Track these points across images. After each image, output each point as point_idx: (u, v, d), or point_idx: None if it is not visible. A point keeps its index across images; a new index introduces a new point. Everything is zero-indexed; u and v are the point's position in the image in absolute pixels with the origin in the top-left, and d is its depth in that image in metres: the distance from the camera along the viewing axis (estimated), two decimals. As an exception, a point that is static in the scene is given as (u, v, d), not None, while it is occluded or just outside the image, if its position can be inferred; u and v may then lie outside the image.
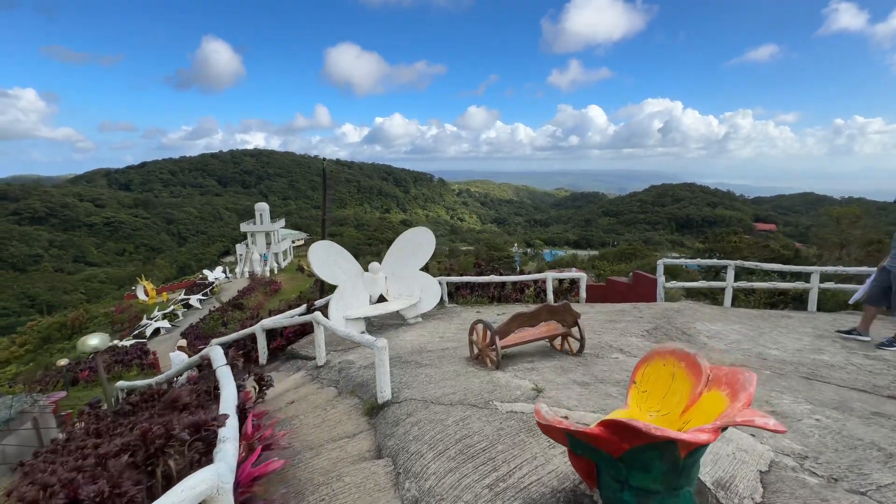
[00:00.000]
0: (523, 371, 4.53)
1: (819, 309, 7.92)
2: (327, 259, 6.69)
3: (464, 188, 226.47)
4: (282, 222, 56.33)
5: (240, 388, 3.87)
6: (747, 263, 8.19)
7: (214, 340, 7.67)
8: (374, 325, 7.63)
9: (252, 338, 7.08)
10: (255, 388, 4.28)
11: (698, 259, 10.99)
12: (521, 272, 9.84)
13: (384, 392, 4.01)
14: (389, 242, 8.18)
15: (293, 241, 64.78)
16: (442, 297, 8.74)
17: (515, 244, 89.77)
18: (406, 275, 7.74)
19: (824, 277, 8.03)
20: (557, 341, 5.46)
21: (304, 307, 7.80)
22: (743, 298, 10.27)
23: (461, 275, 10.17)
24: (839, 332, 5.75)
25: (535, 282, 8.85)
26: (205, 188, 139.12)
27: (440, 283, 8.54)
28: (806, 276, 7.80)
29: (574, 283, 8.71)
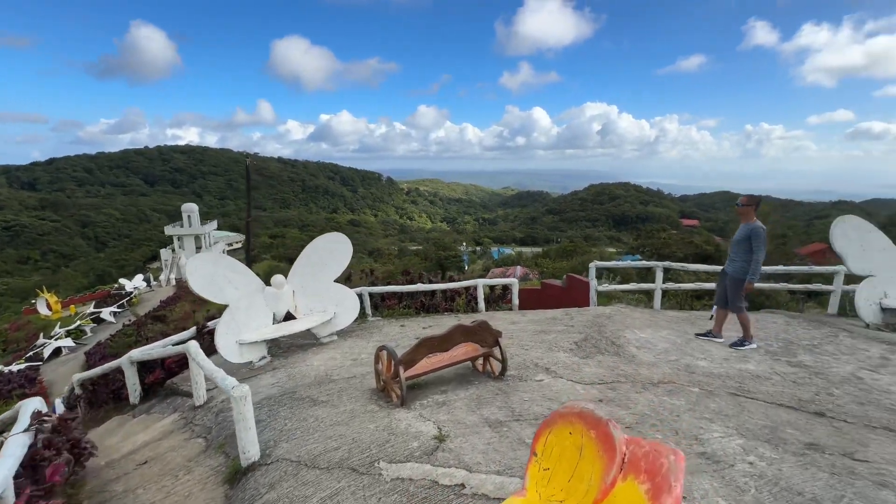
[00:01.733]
0: (432, 407, 3.83)
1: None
2: (213, 275, 5.60)
3: (413, 187, 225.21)
4: (214, 224, 52.23)
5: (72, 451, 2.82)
6: (674, 265, 8.11)
7: (75, 377, 6.30)
8: (282, 348, 6.63)
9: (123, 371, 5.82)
10: (70, 461, 3.22)
11: (629, 260, 10.95)
12: (452, 279, 9.21)
13: (248, 452, 3.13)
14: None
15: (229, 244, 60.43)
16: (364, 311, 7.88)
17: (464, 243, 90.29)
18: (318, 288, 6.80)
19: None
20: (480, 361, 4.85)
21: (193, 330, 6.61)
22: (672, 295, 10.38)
23: (388, 283, 9.36)
24: (697, 335, 5.78)
25: (467, 289, 8.25)
26: (128, 187, 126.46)
27: (360, 295, 7.68)
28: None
29: (507, 289, 8.21)
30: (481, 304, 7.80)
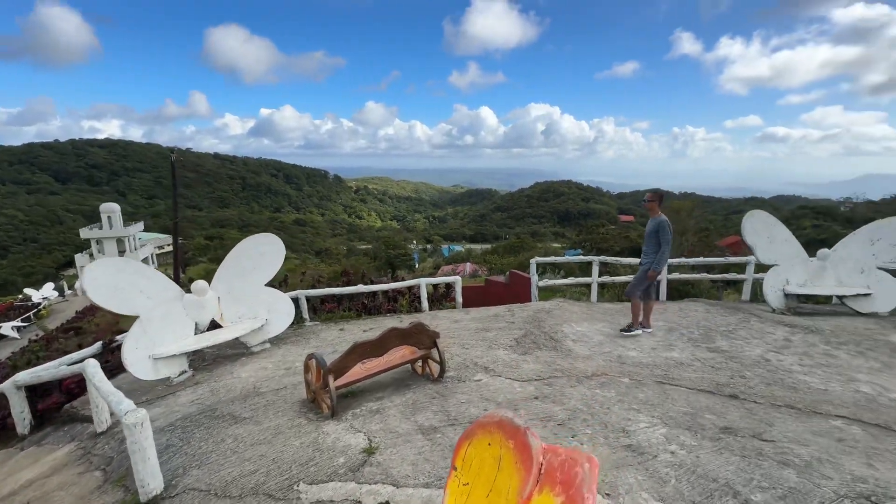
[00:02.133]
0: (364, 416, 3.63)
1: (669, 298, 8.52)
2: (117, 283, 4.96)
3: (362, 185, 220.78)
4: (140, 225, 47.87)
5: None
6: (610, 259, 8.47)
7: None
8: (207, 360, 6.08)
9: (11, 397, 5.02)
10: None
11: (571, 255, 11.32)
12: (397, 278, 8.99)
13: (148, 485, 2.76)
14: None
15: (159, 247, 55.61)
16: (301, 315, 7.47)
17: (414, 241, 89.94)
18: (248, 292, 6.32)
19: (671, 269, 8.67)
20: (419, 364, 4.71)
21: (98, 346, 5.88)
22: (610, 287, 10.88)
23: (328, 285, 8.96)
24: (621, 330, 5.75)
25: (410, 288, 8.08)
26: (35, 185, 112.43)
27: (297, 298, 7.26)
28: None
29: (450, 287, 8.14)
30: (424, 304, 7.67)
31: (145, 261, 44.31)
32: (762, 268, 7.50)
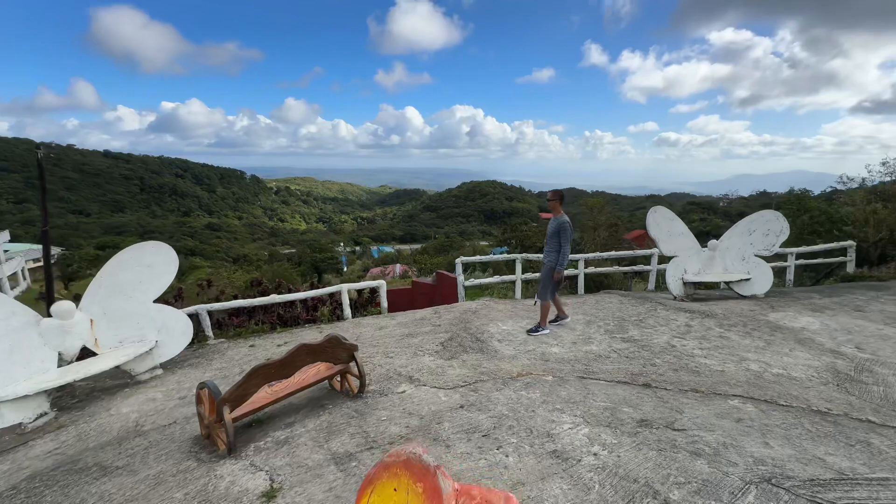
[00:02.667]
0: (269, 449, 3.17)
1: (587, 290, 8.96)
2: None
3: (283, 186, 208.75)
4: (4, 235, 40.32)
5: None
6: (532, 256, 8.68)
7: None
8: (78, 396, 5.06)
9: None
10: None
11: (498, 253, 11.38)
12: (314, 285, 8.35)
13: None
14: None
15: (35, 259, 47.28)
16: (203, 333, 6.60)
17: (342, 243, 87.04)
18: (131, 311, 5.39)
19: (588, 263, 9.13)
20: (337, 379, 4.31)
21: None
22: (534, 283, 11.23)
23: (243, 296, 8.09)
24: (529, 332, 5.65)
25: (332, 296, 7.55)
26: None
27: (196, 314, 6.39)
28: (574, 263, 8.67)
29: (375, 292, 7.76)
30: (347, 312, 7.20)
31: (13, 277, 37.43)
32: (664, 259, 8.15)
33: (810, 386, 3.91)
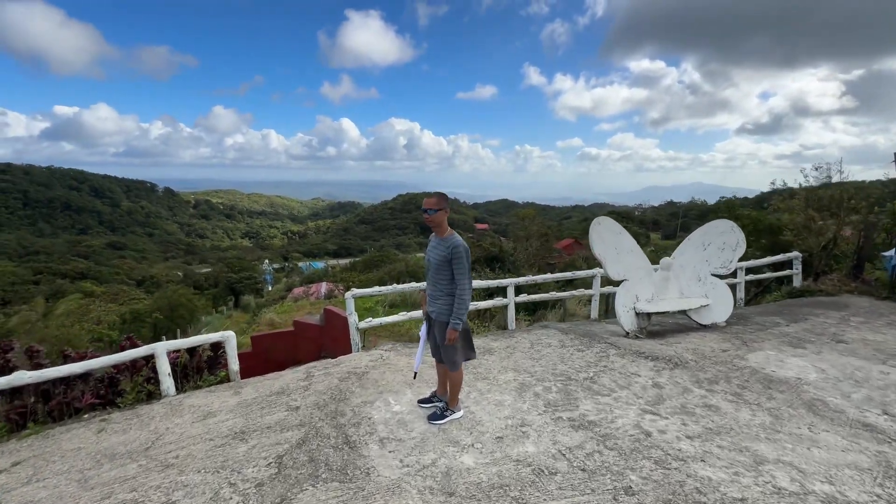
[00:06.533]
0: None
1: (517, 315, 7.18)
2: None
3: (202, 199, 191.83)
4: None
5: None
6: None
7: None
8: None
9: None
10: None
11: (393, 284, 8.86)
12: (132, 342, 5.40)
13: None
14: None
15: None
16: None
17: (267, 260, 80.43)
18: None
19: (519, 291, 7.36)
20: None
21: None
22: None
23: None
24: (431, 420, 3.56)
25: (147, 360, 4.87)
26: None
27: None
28: (503, 291, 6.85)
29: (219, 347, 5.25)
30: (166, 386, 4.63)
31: None
32: (609, 280, 6.60)
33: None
